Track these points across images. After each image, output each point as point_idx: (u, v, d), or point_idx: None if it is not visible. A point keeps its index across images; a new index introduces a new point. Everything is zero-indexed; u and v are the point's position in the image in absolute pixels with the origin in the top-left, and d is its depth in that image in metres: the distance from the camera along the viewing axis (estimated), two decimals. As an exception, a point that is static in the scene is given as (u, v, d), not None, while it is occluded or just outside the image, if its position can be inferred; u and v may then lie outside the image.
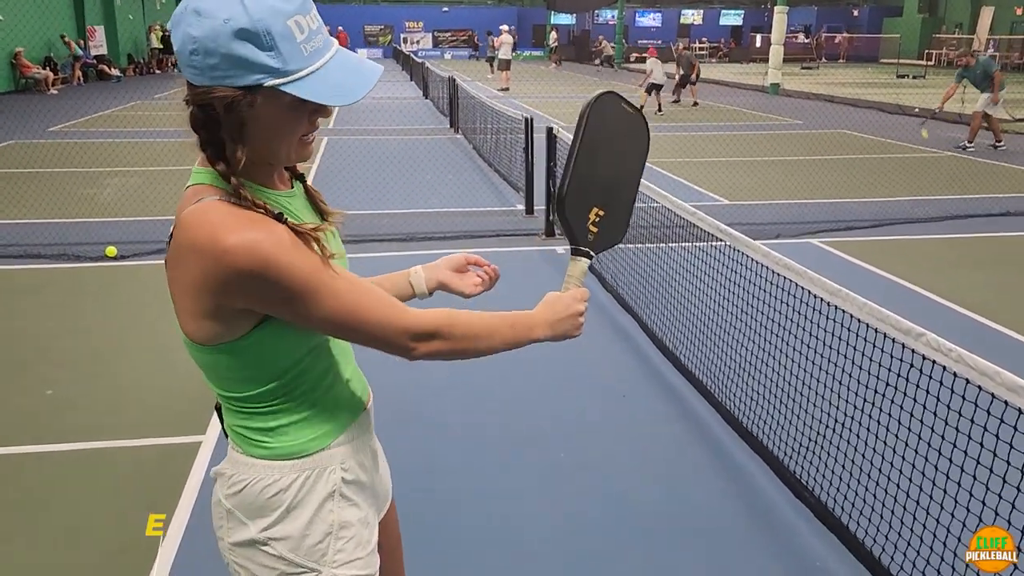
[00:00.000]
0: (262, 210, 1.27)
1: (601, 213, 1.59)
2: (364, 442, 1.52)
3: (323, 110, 1.31)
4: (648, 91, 18.12)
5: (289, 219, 1.30)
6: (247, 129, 1.26)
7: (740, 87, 25.61)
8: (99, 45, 27.03)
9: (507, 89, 23.75)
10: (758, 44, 43.06)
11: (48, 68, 22.76)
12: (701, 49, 42.73)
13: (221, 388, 1.39)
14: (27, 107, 17.41)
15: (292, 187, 1.43)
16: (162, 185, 8.96)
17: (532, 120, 8.01)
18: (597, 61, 38.29)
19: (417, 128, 15.06)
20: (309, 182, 1.50)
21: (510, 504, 3.24)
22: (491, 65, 29.30)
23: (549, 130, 7.23)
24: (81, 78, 24.74)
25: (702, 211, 4.02)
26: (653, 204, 5.04)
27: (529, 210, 8.13)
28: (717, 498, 3.29)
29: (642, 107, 17.82)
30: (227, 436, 1.48)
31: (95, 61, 26.02)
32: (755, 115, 18.08)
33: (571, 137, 1.60)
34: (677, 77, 20.54)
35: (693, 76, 20.16)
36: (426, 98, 20.99)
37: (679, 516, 3.17)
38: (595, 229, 1.59)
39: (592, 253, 1.61)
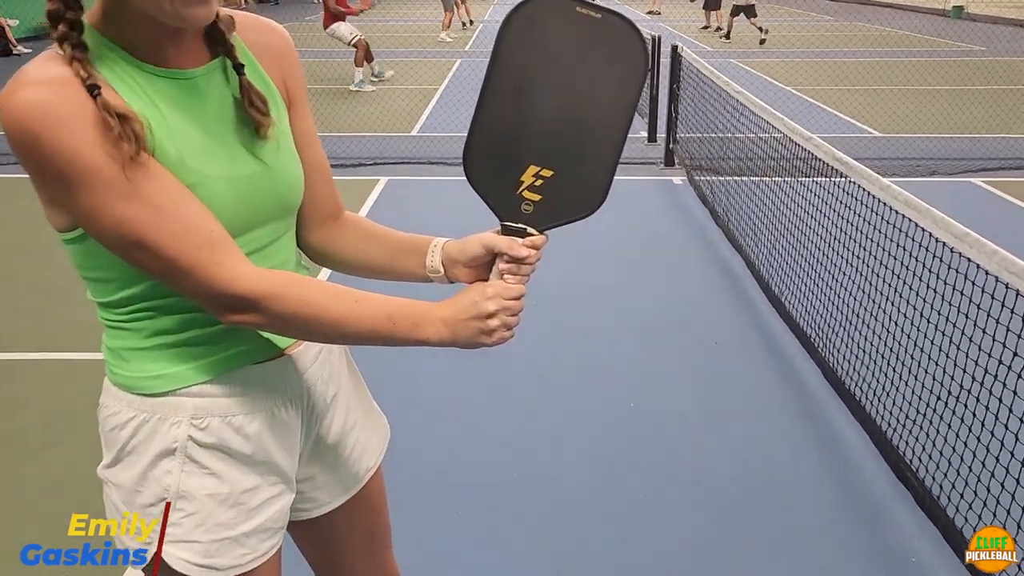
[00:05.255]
0: (88, 76, 0.98)
1: (547, 173, 1.12)
2: (263, 404, 1.19)
3: None
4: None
5: (105, 94, 0.98)
6: None
7: (917, 11, 23.17)
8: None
9: (658, 12, 22.54)
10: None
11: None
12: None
13: (88, 288, 1.17)
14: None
15: (200, 68, 1.10)
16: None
17: (660, 39, 7.38)
18: None
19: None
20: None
21: (563, 451, 2.93)
22: None
23: (674, 48, 6.61)
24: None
25: (847, 143, 3.46)
26: (762, 135, 4.45)
27: (652, 137, 7.57)
28: (805, 467, 2.86)
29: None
30: None
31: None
32: (929, 40, 16.25)
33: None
34: None
35: None
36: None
37: (758, 483, 2.77)
38: (535, 196, 1.13)
39: (529, 230, 1.14)
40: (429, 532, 2.52)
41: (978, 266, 2.22)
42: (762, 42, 15.25)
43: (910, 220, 2.63)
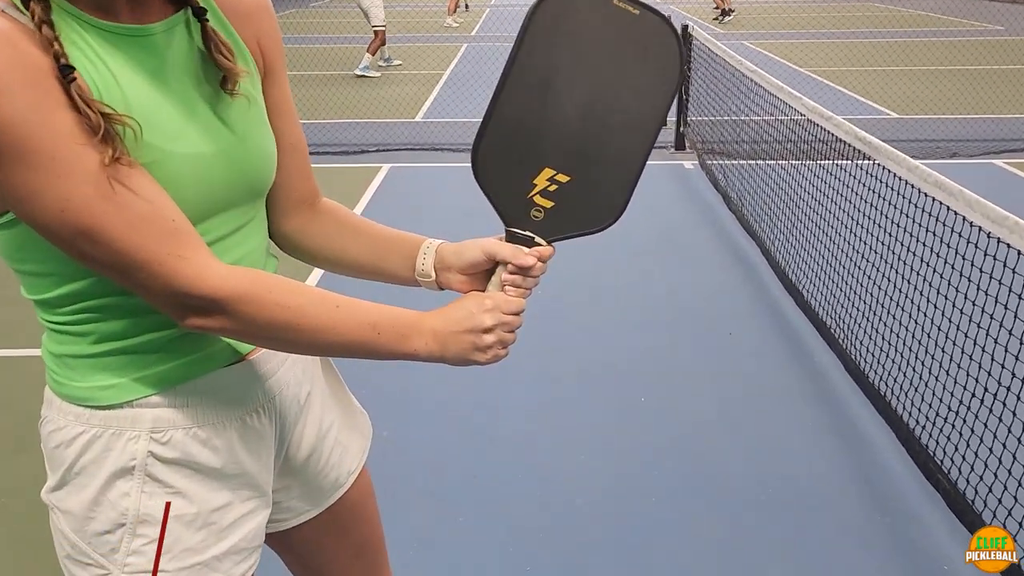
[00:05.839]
0: (53, 42, 0.83)
1: (563, 178, 1.03)
2: (232, 412, 1.06)
3: None
4: None
5: (80, 78, 0.84)
6: None
7: (933, -10, 22.77)
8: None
9: (666, -5, 22.20)
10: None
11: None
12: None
13: (21, 283, 1.01)
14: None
15: (159, 23, 0.94)
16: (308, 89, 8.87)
17: (669, 18, 7.16)
18: None
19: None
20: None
21: (570, 450, 2.78)
22: None
23: (684, 28, 6.41)
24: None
25: (864, 124, 3.27)
26: (780, 117, 4.26)
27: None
28: (825, 465, 2.70)
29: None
30: None
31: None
32: (945, 19, 15.93)
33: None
34: None
35: None
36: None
37: (775, 481, 2.61)
38: (547, 203, 1.04)
39: (537, 239, 1.04)
40: (432, 540, 2.37)
41: (1019, 252, 2.04)
42: (716, 19, 15.33)
43: (940, 203, 2.45)
